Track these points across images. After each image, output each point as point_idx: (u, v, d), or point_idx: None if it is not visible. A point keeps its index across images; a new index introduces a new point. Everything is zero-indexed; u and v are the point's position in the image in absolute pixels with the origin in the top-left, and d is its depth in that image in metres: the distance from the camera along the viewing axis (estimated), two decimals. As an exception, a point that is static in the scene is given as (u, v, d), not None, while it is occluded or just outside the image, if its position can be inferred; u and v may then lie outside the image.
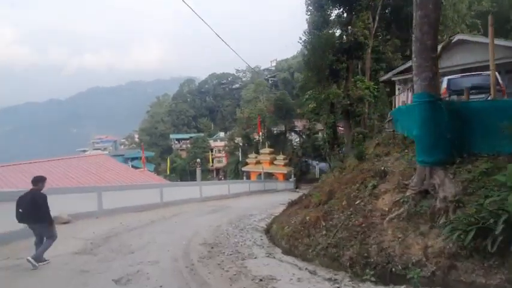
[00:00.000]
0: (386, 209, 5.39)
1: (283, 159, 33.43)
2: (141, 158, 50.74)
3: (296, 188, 31.85)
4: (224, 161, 58.35)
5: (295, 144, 47.19)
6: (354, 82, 17.38)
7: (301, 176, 37.57)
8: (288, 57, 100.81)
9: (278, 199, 19.31)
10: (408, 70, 14.90)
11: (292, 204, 10.37)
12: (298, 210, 8.72)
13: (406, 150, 7.22)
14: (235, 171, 47.44)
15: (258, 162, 34.47)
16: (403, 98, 14.01)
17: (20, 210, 5.01)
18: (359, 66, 21.13)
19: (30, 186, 5.38)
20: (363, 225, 5.28)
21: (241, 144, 50.85)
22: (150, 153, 56.02)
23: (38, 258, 4.96)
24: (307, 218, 6.80)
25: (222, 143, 58.25)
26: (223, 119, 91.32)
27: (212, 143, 61.15)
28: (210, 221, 10.09)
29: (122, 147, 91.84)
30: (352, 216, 5.62)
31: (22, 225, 5.45)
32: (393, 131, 10.43)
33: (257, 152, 39.68)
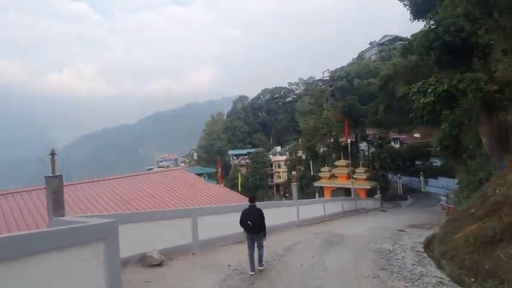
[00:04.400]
0: None
1: (365, 173, 28.46)
2: (203, 174, 50.67)
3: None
4: (285, 177, 54.84)
5: (368, 155, 41.47)
6: (498, 61, 12.61)
7: (381, 192, 31.79)
8: (343, 65, 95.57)
9: (386, 223, 14.99)
10: None
11: (488, 241, 6.33)
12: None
13: None
14: (300, 187, 43.46)
15: (332, 176, 30.12)
16: None
17: (249, 223, 5.99)
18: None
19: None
20: None
21: (304, 157, 46.97)
22: (212, 169, 55.80)
23: (261, 263, 6.03)
24: None
25: (283, 158, 55.15)
26: (277, 133, 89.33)
27: (272, 158, 58.45)
28: (348, 263, 6.73)
29: (182, 164, 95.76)
30: None
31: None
32: None
33: (324, 165, 35.35)
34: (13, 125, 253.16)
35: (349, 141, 29.43)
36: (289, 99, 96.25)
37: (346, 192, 28.20)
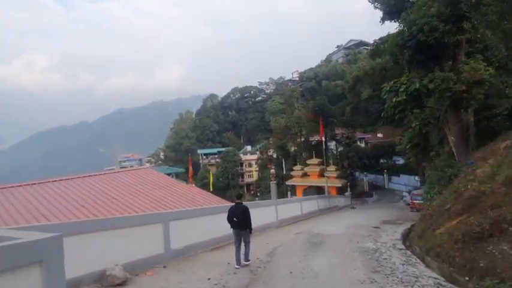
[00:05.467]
0: None
1: (335, 171, 28.98)
2: (171, 174, 48.31)
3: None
4: (255, 176, 54.41)
5: (336, 154, 42.66)
6: (464, 62, 13.21)
7: (350, 190, 32.77)
8: (312, 67, 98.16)
9: (359, 220, 15.06)
10: None
11: (477, 237, 6.18)
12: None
13: None
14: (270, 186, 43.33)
15: (304, 175, 30.25)
16: None
17: (235, 219, 6.26)
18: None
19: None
20: None
21: (275, 156, 46.98)
22: (180, 169, 53.41)
23: (247, 258, 6.30)
24: None
25: (254, 157, 54.69)
26: (247, 132, 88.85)
27: (243, 157, 57.69)
28: (337, 266, 6.29)
29: (148, 164, 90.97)
30: None
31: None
32: None
33: (295, 164, 35.60)
34: None
35: (323, 139, 29.80)
36: (260, 98, 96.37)
37: (318, 190, 28.48)
